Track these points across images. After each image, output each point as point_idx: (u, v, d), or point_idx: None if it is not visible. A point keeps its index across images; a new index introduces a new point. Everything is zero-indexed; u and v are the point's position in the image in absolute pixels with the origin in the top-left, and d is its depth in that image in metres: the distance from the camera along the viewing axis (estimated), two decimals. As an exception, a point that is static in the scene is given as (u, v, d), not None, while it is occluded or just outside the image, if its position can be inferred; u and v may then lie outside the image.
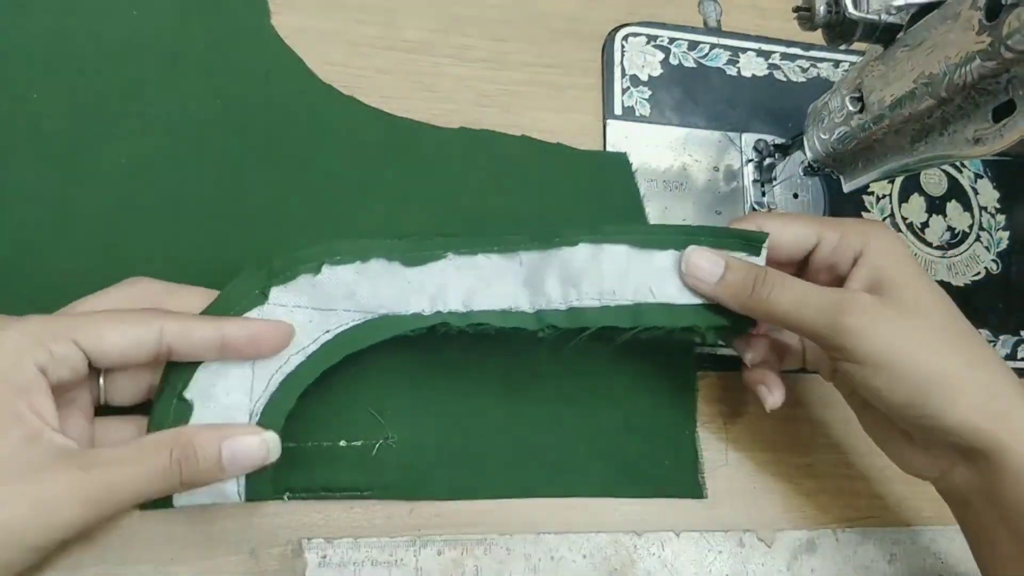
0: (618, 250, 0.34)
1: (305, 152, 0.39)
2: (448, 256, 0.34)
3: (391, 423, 0.36)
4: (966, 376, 0.31)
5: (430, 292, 0.33)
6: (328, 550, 0.34)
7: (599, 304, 0.34)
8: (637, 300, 0.34)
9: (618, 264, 0.34)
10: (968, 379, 0.31)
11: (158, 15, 0.40)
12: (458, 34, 0.44)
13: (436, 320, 0.33)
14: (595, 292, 0.34)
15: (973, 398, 0.31)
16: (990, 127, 0.29)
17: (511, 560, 0.35)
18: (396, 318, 0.33)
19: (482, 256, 0.34)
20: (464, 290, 0.34)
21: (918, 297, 0.32)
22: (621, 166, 0.43)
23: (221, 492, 0.31)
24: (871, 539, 0.40)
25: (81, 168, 0.37)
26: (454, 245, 0.34)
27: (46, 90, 0.37)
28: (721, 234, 0.35)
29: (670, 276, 0.34)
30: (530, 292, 0.34)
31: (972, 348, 0.32)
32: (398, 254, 0.33)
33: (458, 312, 0.33)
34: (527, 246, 0.34)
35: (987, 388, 0.31)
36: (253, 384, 0.32)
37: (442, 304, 0.33)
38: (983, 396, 0.31)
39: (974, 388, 0.31)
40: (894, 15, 0.33)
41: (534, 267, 0.34)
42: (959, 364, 0.31)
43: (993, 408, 0.30)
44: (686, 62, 0.46)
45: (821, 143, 0.38)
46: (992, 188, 0.49)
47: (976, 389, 0.31)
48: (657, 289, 0.34)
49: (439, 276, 0.34)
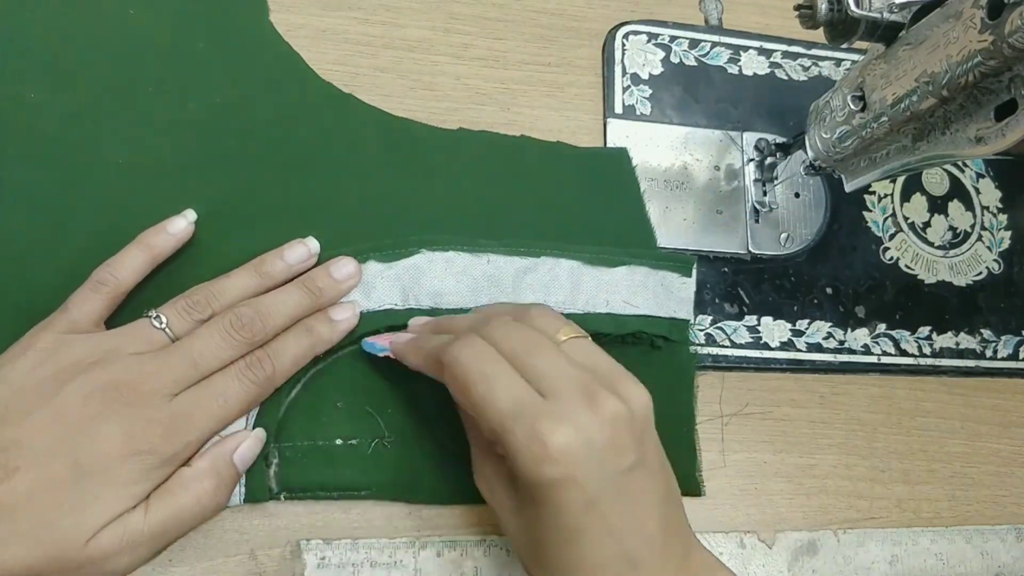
0: (572, 264, 0.38)
1: (304, 151, 0.39)
2: (422, 252, 0.37)
3: (388, 423, 0.36)
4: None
5: (403, 286, 0.36)
6: (327, 551, 0.34)
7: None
8: (586, 310, 0.38)
9: (573, 277, 0.38)
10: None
11: (157, 14, 0.40)
12: (457, 32, 0.44)
13: (407, 318, 0.36)
14: (554, 301, 0.38)
15: None
16: (992, 126, 0.29)
17: (511, 561, 0.35)
18: (371, 314, 0.36)
19: (452, 252, 0.37)
20: (434, 284, 0.36)
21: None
22: (622, 162, 0.43)
23: None
24: (872, 540, 0.40)
25: (79, 168, 0.36)
26: (427, 243, 0.37)
27: (44, 90, 0.37)
28: (659, 257, 0.40)
29: (617, 291, 0.39)
30: (495, 292, 0.37)
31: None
32: (372, 253, 0.36)
33: (426, 308, 0.36)
34: (496, 250, 0.38)
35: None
36: None
37: (414, 300, 0.36)
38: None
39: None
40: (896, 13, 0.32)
41: (499, 268, 0.38)
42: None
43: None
44: (687, 60, 0.46)
45: (823, 142, 0.38)
46: (994, 188, 0.49)
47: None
48: (608, 300, 0.38)
49: (412, 270, 0.36)
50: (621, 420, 0.28)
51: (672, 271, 0.40)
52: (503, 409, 0.28)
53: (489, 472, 0.32)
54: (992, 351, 0.45)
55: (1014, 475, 0.44)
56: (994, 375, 0.45)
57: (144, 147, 0.37)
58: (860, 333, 0.44)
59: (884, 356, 0.43)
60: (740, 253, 0.43)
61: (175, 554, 0.33)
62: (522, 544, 0.30)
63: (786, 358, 0.42)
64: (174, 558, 0.33)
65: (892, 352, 0.44)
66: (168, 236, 0.35)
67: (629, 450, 0.28)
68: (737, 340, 0.42)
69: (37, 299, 0.34)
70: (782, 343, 0.42)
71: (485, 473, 0.32)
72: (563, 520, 0.27)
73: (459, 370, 0.29)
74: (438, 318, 0.36)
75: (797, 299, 0.43)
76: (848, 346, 0.43)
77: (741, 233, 0.44)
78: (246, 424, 0.33)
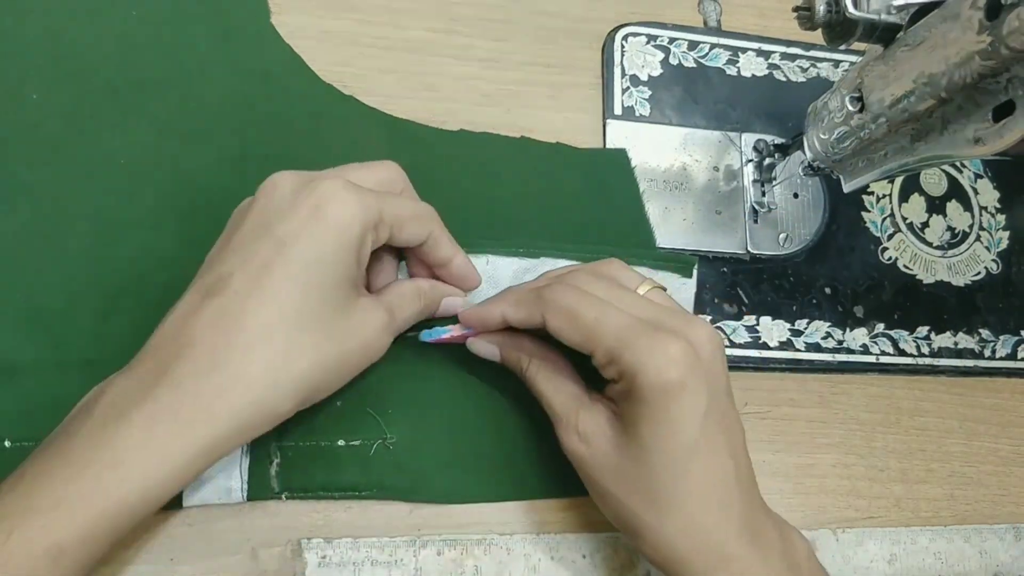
0: (572, 265, 0.37)
1: (305, 152, 0.39)
2: None
3: (390, 423, 0.36)
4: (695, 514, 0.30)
5: None
6: (328, 550, 0.34)
7: None
8: None
9: None
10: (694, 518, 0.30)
11: (158, 15, 0.40)
12: (458, 34, 0.44)
13: None
14: None
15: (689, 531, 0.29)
16: (990, 127, 0.29)
17: (511, 560, 0.35)
18: None
19: None
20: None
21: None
22: (621, 163, 0.43)
23: (226, 490, 0.32)
24: (871, 539, 0.40)
25: (79, 168, 0.36)
26: None
27: (45, 90, 0.37)
28: (658, 257, 0.40)
29: None
30: (494, 293, 0.37)
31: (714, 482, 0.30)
32: None
33: None
34: (495, 250, 0.37)
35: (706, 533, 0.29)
36: None
37: None
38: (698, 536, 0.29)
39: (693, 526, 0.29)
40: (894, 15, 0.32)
41: (498, 269, 0.37)
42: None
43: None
44: (686, 62, 0.46)
45: (821, 143, 0.38)
46: (992, 188, 0.49)
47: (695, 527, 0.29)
48: None
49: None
50: (716, 343, 0.30)
51: (672, 272, 0.40)
52: (619, 325, 0.29)
53: (585, 423, 0.32)
54: (990, 351, 0.45)
55: (1013, 474, 0.44)
56: (992, 375, 0.45)
57: (144, 148, 0.37)
58: (859, 333, 0.44)
59: (883, 356, 0.44)
60: (739, 253, 0.43)
61: (177, 553, 0.33)
62: (628, 484, 0.30)
63: (785, 358, 0.42)
64: (176, 557, 0.33)
65: (891, 352, 0.44)
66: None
67: (722, 374, 0.30)
68: (736, 340, 0.42)
69: (37, 299, 0.34)
70: (781, 343, 0.42)
71: (579, 427, 0.32)
72: (681, 432, 0.29)
73: (565, 302, 0.30)
74: (494, 297, 0.36)
75: (796, 299, 0.44)
76: (847, 346, 0.43)
77: (740, 233, 0.44)
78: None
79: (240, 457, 0.33)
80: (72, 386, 0.33)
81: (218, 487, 0.32)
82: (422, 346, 0.36)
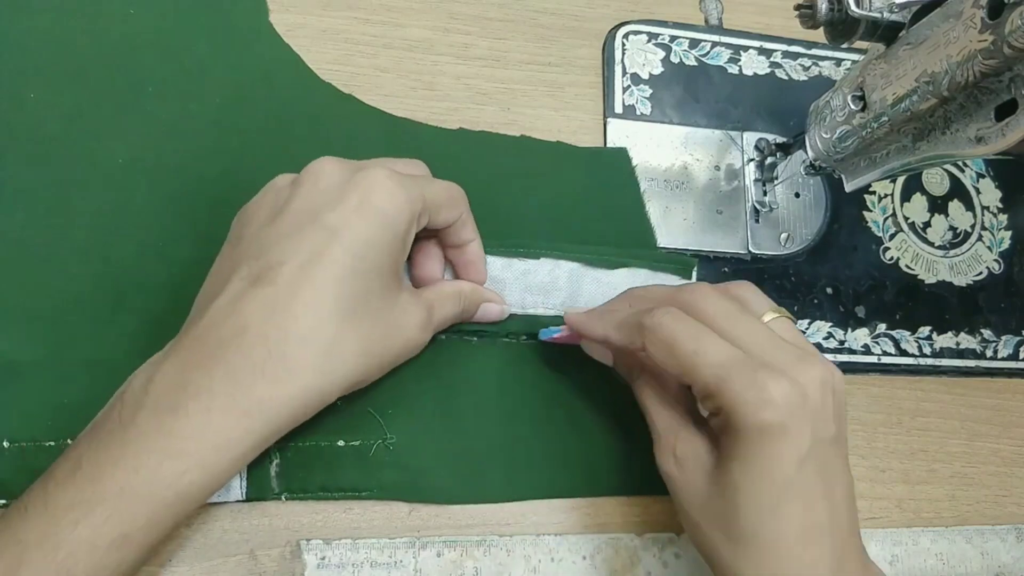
0: (572, 266, 0.38)
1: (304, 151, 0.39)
2: None
3: (390, 423, 0.36)
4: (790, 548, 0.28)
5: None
6: (327, 551, 0.34)
7: (554, 314, 0.38)
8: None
9: (573, 278, 0.38)
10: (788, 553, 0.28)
11: (156, 14, 0.40)
12: (458, 32, 0.44)
13: None
14: (556, 302, 0.38)
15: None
16: (992, 126, 0.29)
17: (511, 561, 0.35)
18: None
19: None
20: None
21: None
22: (622, 162, 0.43)
23: (226, 490, 0.32)
24: (872, 540, 0.40)
25: (79, 168, 0.36)
26: None
27: (43, 90, 0.37)
28: (660, 258, 0.40)
29: (617, 293, 0.37)
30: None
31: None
32: None
33: None
34: (495, 250, 0.37)
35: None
36: None
37: None
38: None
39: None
40: (896, 13, 0.32)
41: (498, 270, 0.37)
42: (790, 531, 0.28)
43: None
44: (687, 60, 0.46)
45: (823, 142, 0.38)
46: (994, 188, 0.49)
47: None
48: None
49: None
50: (829, 387, 0.29)
51: (672, 273, 0.40)
52: (719, 361, 0.28)
53: (683, 446, 0.31)
54: (992, 351, 0.45)
55: (1014, 475, 0.44)
56: (994, 375, 0.45)
57: (144, 147, 0.37)
58: (860, 333, 0.44)
59: (884, 356, 0.43)
60: (740, 253, 0.43)
61: (175, 554, 0.33)
62: (713, 517, 0.29)
63: (786, 358, 0.42)
64: (174, 558, 0.33)
65: (892, 352, 0.44)
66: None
67: (832, 420, 0.29)
68: (737, 340, 0.42)
69: (37, 299, 0.34)
70: (782, 343, 0.42)
71: (676, 449, 0.31)
72: (775, 474, 0.28)
73: (664, 332, 0.30)
74: (608, 303, 0.36)
75: (797, 299, 0.43)
76: (848, 346, 0.43)
77: (741, 233, 0.44)
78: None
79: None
80: (72, 386, 0.33)
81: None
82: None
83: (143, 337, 0.34)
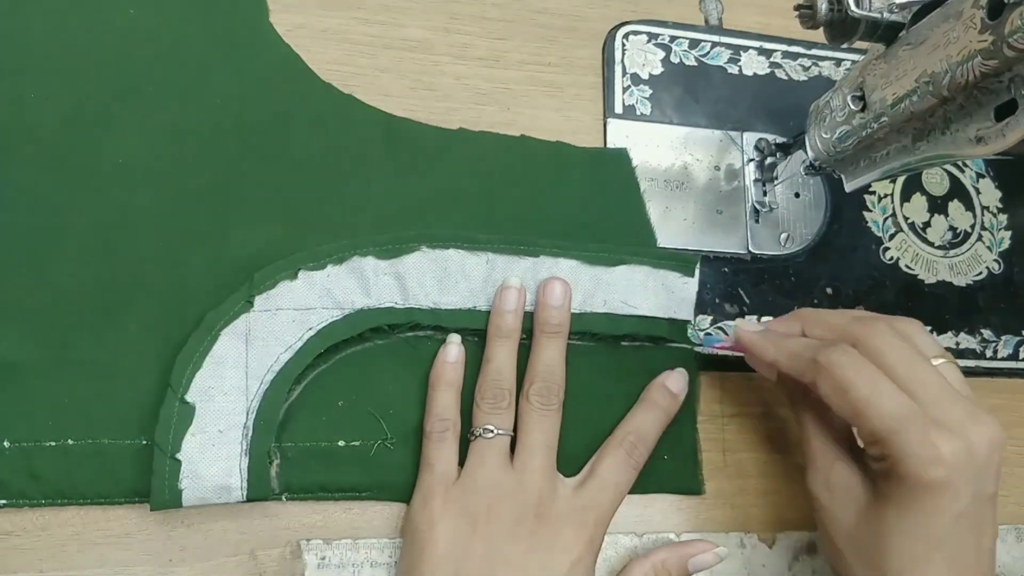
0: (571, 264, 0.38)
1: (304, 151, 0.39)
2: (422, 249, 0.37)
3: (390, 424, 0.36)
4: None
5: (403, 285, 0.36)
6: (327, 551, 0.34)
7: None
8: (583, 309, 0.38)
9: (571, 276, 0.38)
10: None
11: (156, 14, 0.40)
12: (458, 32, 0.44)
13: (408, 317, 0.36)
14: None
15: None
16: (992, 126, 0.29)
17: (511, 561, 0.35)
18: (372, 311, 0.36)
19: (452, 250, 0.37)
20: (435, 283, 0.37)
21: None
22: (622, 162, 0.43)
23: (226, 490, 0.32)
24: (872, 540, 0.40)
25: (79, 168, 0.36)
26: (427, 238, 0.37)
27: (43, 90, 0.37)
28: (661, 256, 0.40)
29: (615, 290, 0.38)
30: (494, 293, 0.37)
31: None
32: (373, 248, 0.36)
33: (427, 309, 0.37)
34: (495, 247, 0.38)
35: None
36: (248, 384, 0.33)
37: (414, 299, 0.36)
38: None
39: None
40: (896, 13, 0.32)
41: (498, 267, 0.38)
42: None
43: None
44: (687, 60, 0.46)
45: (823, 142, 0.38)
46: (994, 188, 0.49)
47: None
48: (605, 300, 0.38)
49: (413, 268, 0.36)
50: (996, 447, 0.29)
51: (674, 271, 0.40)
52: (891, 412, 0.29)
53: (837, 476, 0.32)
54: (992, 351, 0.45)
55: (1015, 475, 0.44)
56: (994, 375, 0.45)
57: (144, 147, 0.37)
58: (860, 333, 0.44)
59: (884, 356, 0.43)
60: (740, 253, 0.43)
61: (176, 554, 0.33)
62: (858, 550, 0.30)
63: (786, 358, 0.42)
64: (174, 558, 0.33)
65: (892, 352, 0.44)
66: (454, 365, 0.36)
67: (993, 479, 0.30)
68: (737, 340, 0.42)
69: (37, 299, 0.34)
70: (782, 343, 0.42)
71: (830, 478, 0.32)
72: (932, 527, 0.28)
73: (839, 373, 0.30)
74: (778, 322, 0.36)
75: (797, 299, 0.43)
76: (848, 346, 0.43)
77: (741, 233, 0.44)
78: (245, 421, 0.33)
79: (240, 457, 0.33)
80: (72, 386, 0.33)
81: (218, 487, 0.32)
82: (422, 348, 0.37)
83: (143, 337, 0.35)
